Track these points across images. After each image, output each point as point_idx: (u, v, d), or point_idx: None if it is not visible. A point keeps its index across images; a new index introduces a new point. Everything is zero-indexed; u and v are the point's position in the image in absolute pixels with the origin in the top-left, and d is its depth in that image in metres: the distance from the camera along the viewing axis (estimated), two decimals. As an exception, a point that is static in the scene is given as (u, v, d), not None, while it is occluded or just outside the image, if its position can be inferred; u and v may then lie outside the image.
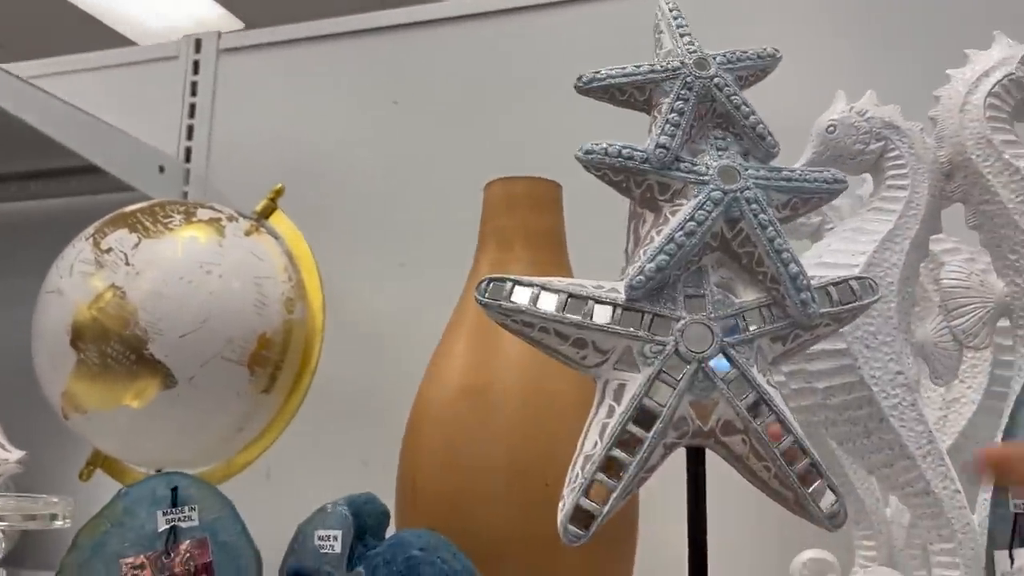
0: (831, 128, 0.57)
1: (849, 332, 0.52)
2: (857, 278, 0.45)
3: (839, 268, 0.54)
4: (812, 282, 0.44)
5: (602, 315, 0.42)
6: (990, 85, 0.55)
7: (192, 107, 1.17)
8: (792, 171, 0.45)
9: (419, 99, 1.06)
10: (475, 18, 1.07)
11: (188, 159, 1.15)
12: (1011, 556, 0.50)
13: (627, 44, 0.57)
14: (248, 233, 0.76)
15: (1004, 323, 0.56)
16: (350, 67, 1.11)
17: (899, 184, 0.56)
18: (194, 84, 1.18)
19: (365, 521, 0.47)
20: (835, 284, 0.44)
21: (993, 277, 0.56)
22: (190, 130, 1.17)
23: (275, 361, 0.73)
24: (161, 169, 1.10)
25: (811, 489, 0.41)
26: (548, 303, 0.43)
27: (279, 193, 0.81)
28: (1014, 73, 0.55)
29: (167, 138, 1.16)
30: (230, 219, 0.76)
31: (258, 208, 0.80)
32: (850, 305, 0.44)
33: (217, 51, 1.19)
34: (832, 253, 0.55)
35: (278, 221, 0.80)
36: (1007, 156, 0.53)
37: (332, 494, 0.64)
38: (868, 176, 0.60)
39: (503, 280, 0.43)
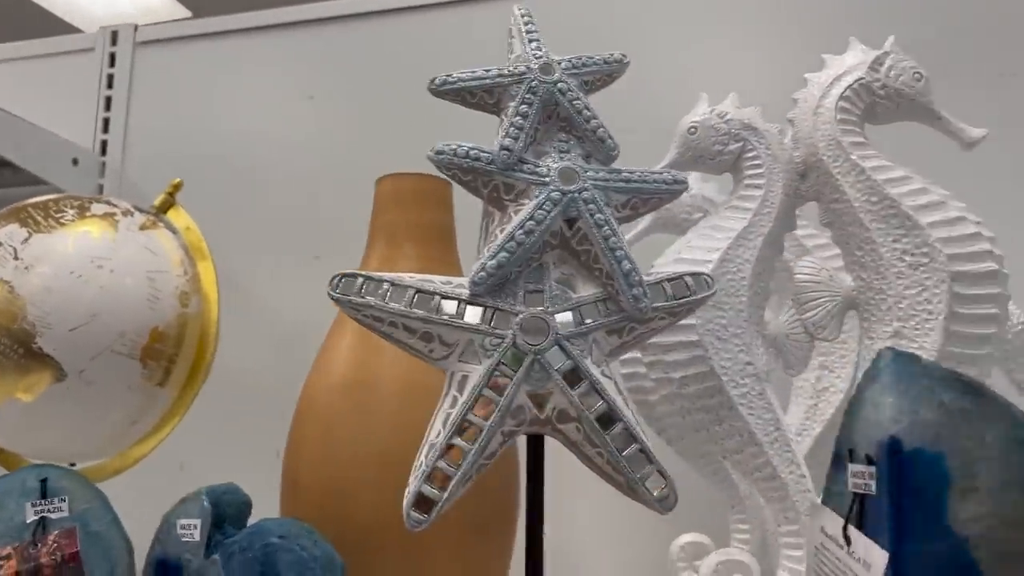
0: (692, 130, 0.59)
1: (701, 325, 0.55)
2: (692, 274, 0.47)
3: (695, 264, 0.56)
4: (650, 277, 0.46)
5: (447, 310, 0.44)
6: (842, 89, 0.58)
7: (108, 100, 1.17)
8: (632, 172, 0.47)
9: (334, 94, 1.07)
10: (391, 13, 1.08)
11: (104, 152, 1.15)
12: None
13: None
14: (143, 228, 0.76)
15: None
16: (266, 61, 1.12)
17: (755, 183, 0.58)
18: (110, 77, 1.18)
19: (225, 510, 0.49)
20: (670, 280, 0.46)
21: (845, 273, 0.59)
22: (106, 123, 1.16)
23: (169, 355, 0.74)
24: (75, 162, 1.09)
25: (641, 474, 0.44)
26: (397, 299, 0.45)
27: (177, 187, 0.81)
28: (864, 78, 0.58)
29: (83, 131, 1.15)
30: (125, 214, 0.76)
31: (156, 202, 0.81)
32: (684, 300, 0.46)
33: (134, 44, 1.19)
34: (690, 249, 0.58)
35: (177, 215, 0.81)
36: (854, 157, 0.56)
37: (246, 485, 0.66)
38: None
39: (354, 276, 0.45)
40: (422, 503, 0.43)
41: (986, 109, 0.84)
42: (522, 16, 0.49)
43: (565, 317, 0.44)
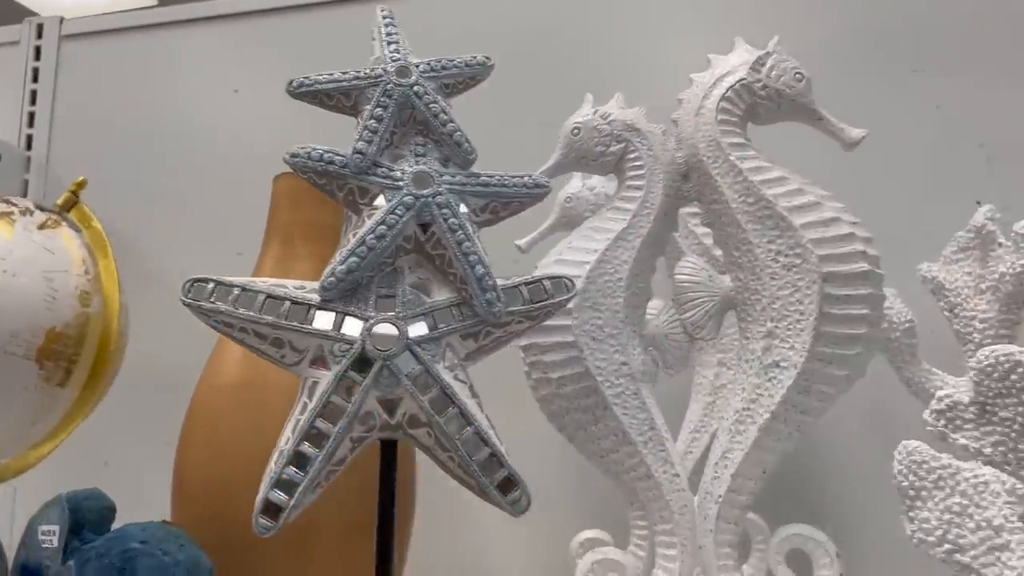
0: (575, 131, 0.59)
1: (577, 326, 0.55)
2: (551, 277, 0.47)
3: (574, 265, 0.56)
4: (508, 281, 0.46)
5: (296, 315, 0.44)
6: (723, 89, 0.58)
7: (34, 94, 1.15)
8: (491, 176, 0.47)
9: (259, 88, 1.06)
10: (319, 7, 1.07)
11: (29, 147, 1.14)
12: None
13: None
14: (43, 227, 0.75)
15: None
16: (192, 55, 1.11)
17: (636, 184, 0.59)
18: (35, 70, 1.16)
19: (85, 516, 0.48)
20: (528, 284, 0.46)
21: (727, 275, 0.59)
22: (31, 117, 1.15)
23: (69, 355, 0.73)
24: (-1, 157, 1.08)
25: (492, 478, 0.44)
26: (247, 304, 0.44)
27: (81, 186, 0.80)
28: (746, 78, 0.58)
29: (7, 126, 1.14)
30: (24, 212, 0.75)
31: (59, 201, 0.80)
32: (541, 303, 0.46)
33: (59, 37, 1.17)
34: (570, 251, 0.58)
35: (81, 214, 0.80)
36: (733, 158, 0.57)
37: (168, 482, 0.65)
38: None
39: (205, 281, 0.45)
40: (270, 509, 0.43)
41: (900, 105, 0.86)
42: (383, 18, 0.49)
43: (418, 322, 0.44)
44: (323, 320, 0.44)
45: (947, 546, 0.41)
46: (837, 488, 0.79)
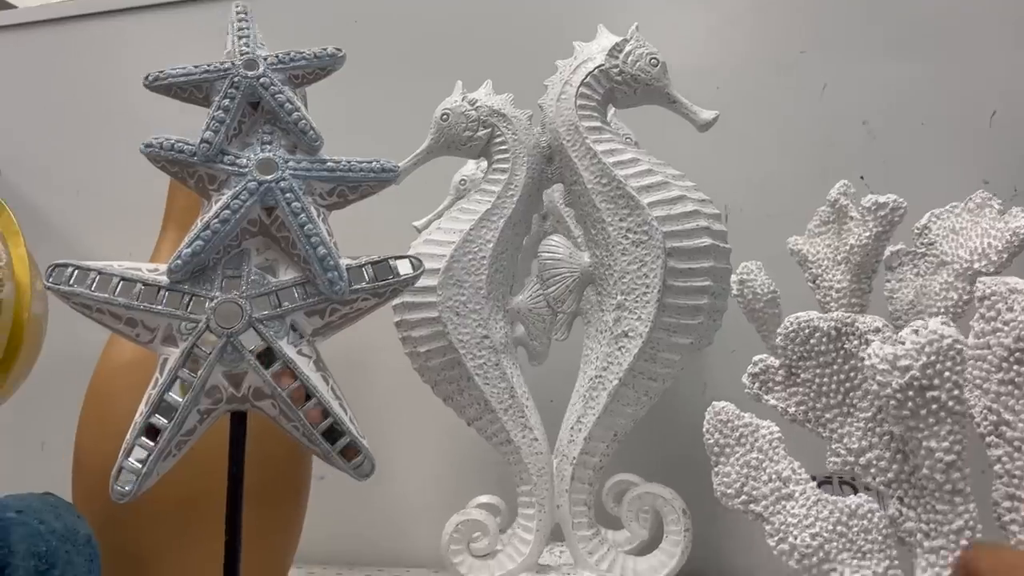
0: (444, 116, 0.62)
1: (441, 302, 0.58)
2: (399, 257, 0.50)
3: (440, 244, 0.60)
4: (353, 261, 0.49)
5: (147, 296, 0.47)
6: (583, 75, 0.61)
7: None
8: (337, 162, 0.50)
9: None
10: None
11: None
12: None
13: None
14: (-49, 216, 0.78)
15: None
16: (126, 42, 1.12)
17: (501, 168, 0.62)
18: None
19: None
20: (374, 263, 0.49)
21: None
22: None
23: (-19, 340, 0.76)
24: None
25: (336, 444, 0.47)
26: (102, 287, 0.47)
27: (-7, 175, 0.83)
28: (604, 64, 0.61)
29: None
30: (-69, 203, 0.78)
31: (-28, 190, 0.82)
32: (386, 282, 0.49)
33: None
34: (438, 231, 0.61)
35: (-8, 203, 0.83)
36: (589, 141, 0.60)
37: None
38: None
39: (65, 265, 0.48)
40: (125, 477, 0.46)
41: (789, 85, 0.89)
42: (237, 14, 0.52)
43: (261, 301, 0.47)
44: (172, 300, 0.47)
45: (743, 497, 0.45)
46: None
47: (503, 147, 0.62)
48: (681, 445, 0.84)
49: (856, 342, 0.46)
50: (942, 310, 0.62)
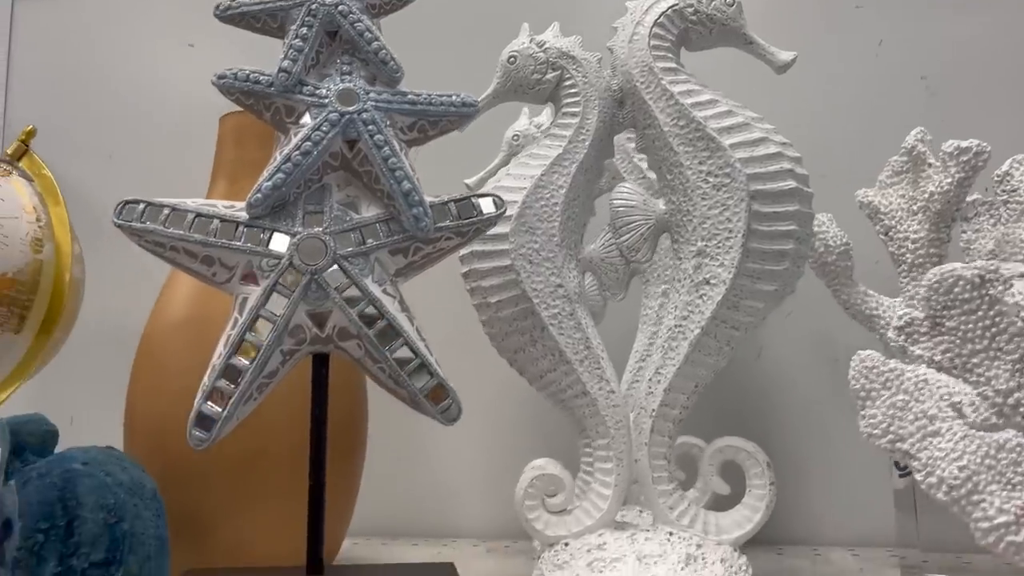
0: (512, 59, 0.60)
1: (514, 250, 0.56)
2: (481, 195, 0.48)
3: (511, 191, 0.57)
4: (437, 199, 0.47)
5: (225, 233, 0.45)
6: (656, 15, 0.59)
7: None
8: (418, 95, 0.48)
9: (216, 40, 1.06)
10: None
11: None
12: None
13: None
14: (-9, 174, 0.75)
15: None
16: (146, 9, 1.10)
17: (571, 112, 0.59)
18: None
19: (26, 439, 0.49)
20: (457, 201, 0.47)
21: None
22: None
23: (23, 301, 0.74)
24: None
25: (422, 386, 0.45)
26: (176, 223, 0.45)
27: (31, 135, 0.80)
28: (678, 3, 0.59)
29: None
30: (-29, 161, 0.75)
31: (9, 150, 0.80)
32: (470, 220, 0.47)
33: (12, -5, 1.16)
34: (508, 177, 0.59)
35: (31, 162, 0.80)
36: (664, 82, 0.57)
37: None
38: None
39: (136, 202, 0.45)
40: (203, 421, 0.44)
41: (844, 40, 0.87)
42: (309, -59, 0.49)
43: (345, 237, 0.45)
44: (252, 236, 0.45)
45: (890, 436, 0.43)
46: (787, 406, 0.82)
47: (573, 90, 0.59)
48: (739, 410, 0.83)
49: (1000, 287, 0.44)
50: (1029, 258, 0.60)
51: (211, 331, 0.63)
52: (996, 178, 0.63)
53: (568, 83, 0.60)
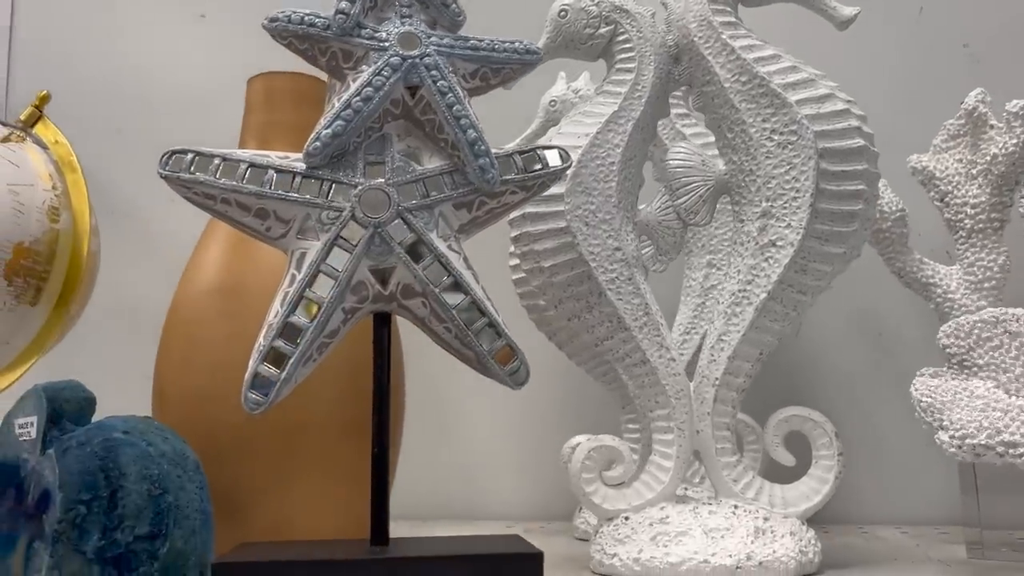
0: (563, 13, 0.57)
1: (569, 211, 0.54)
2: (546, 147, 0.45)
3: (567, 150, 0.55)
4: (500, 150, 0.44)
5: (281, 184, 0.42)
6: (714, -31, 0.56)
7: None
8: (480, 40, 0.45)
9: (227, 12, 1.03)
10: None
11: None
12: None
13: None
14: (5, 140, 0.72)
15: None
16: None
17: (626, 68, 0.57)
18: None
19: (62, 406, 0.46)
20: (521, 153, 0.45)
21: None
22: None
23: (39, 272, 0.71)
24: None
25: (490, 347, 0.42)
26: (228, 174, 0.42)
27: (44, 99, 0.77)
28: (736, -43, 0.56)
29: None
30: (-16, 127, 0.72)
31: (22, 116, 0.76)
32: (536, 172, 0.45)
33: (14, -39, 1.12)
34: (560, 136, 0.56)
35: (46, 129, 0.77)
36: (725, 37, 0.55)
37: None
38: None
39: (184, 152, 0.42)
40: (260, 384, 0.41)
41: (884, 8, 0.84)
42: None
43: (408, 189, 0.42)
44: (309, 188, 0.42)
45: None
46: (827, 383, 0.80)
47: (627, 45, 0.57)
48: (779, 387, 0.80)
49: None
50: (1098, 221, 0.58)
51: (243, 301, 0.61)
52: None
53: (622, 38, 0.57)
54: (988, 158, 0.62)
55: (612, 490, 0.54)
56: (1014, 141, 0.60)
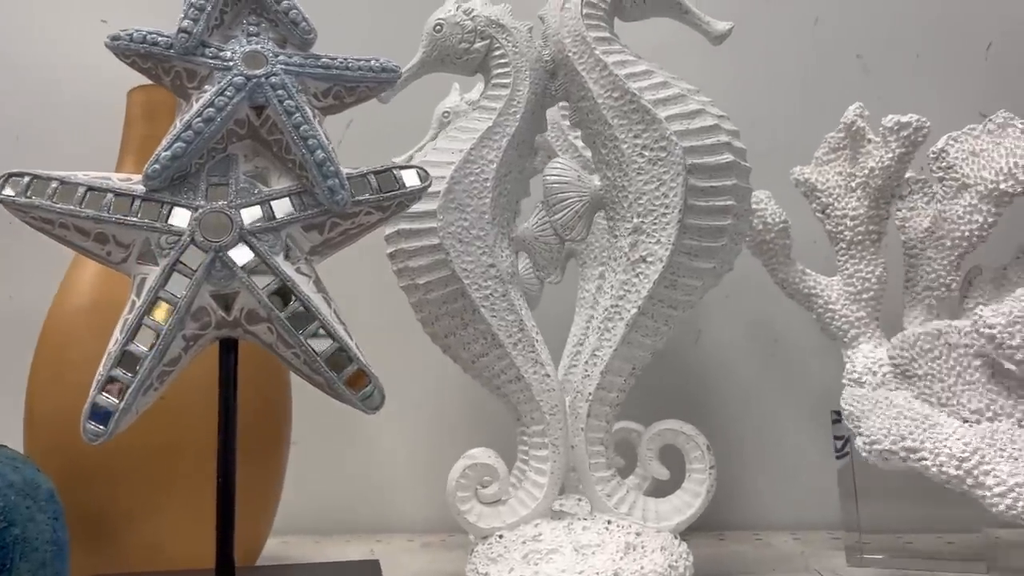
0: (438, 27, 0.57)
1: (442, 228, 0.53)
2: (404, 166, 0.45)
3: (439, 166, 0.54)
4: (354, 171, 0.44)
5: (119, 207, 0.41)
6: (588, -16, 0.56)
7: None
8: (333, 59, 0.44)
9: (131, 18, 1.00)
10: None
11: None
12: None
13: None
14: None
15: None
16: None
17: (502, 83, 0.56)
18: None
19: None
20: (377, 172, 0.44)
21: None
22: None
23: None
24: None
25: (341, 373, 0.42)
26: (66, 198, 0.41)
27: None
28: (611, -28, 0.56)
29: None
30: None
31: None
32: (392, 193, 0.44)
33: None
34: (435, 152, 0.55)
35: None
36: (598, 52, 0.55)
37: None
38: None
39: (21, 175, 0.41)
40: (99, 414, 0.40)
41: (779, 19, 0.85)
42: None
43: (253, 212, 0.42)
44: (149, 211, 0.41)
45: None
46: (723, 391, 0.80)
47: (503, 60, 0.57)
48: (677, 394, 0.81)
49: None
50: (966, 234, 0.59)
51: (113, 318, 0.59)
52: (932, 155, 0.62)
53: (498, 53, 0.57)
54: (866, 171, 0.63)
55: (487, 508, 0.53)
56: (890, 155, 0.61)
